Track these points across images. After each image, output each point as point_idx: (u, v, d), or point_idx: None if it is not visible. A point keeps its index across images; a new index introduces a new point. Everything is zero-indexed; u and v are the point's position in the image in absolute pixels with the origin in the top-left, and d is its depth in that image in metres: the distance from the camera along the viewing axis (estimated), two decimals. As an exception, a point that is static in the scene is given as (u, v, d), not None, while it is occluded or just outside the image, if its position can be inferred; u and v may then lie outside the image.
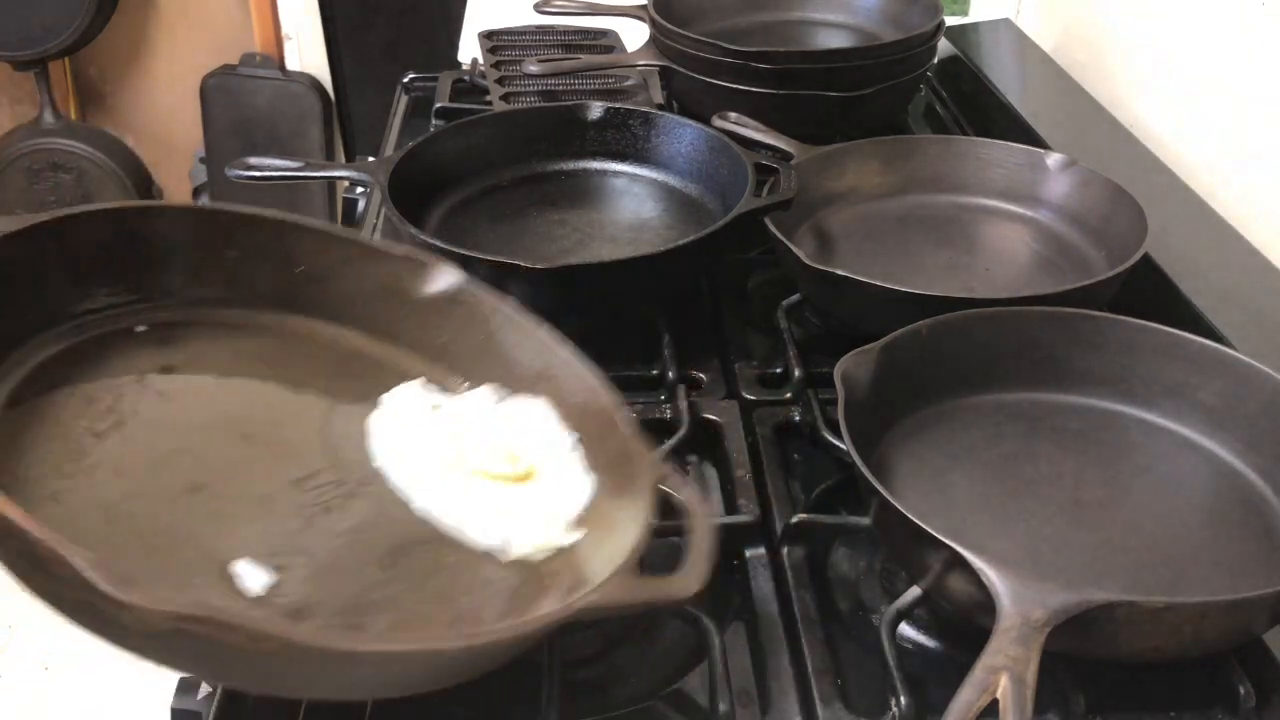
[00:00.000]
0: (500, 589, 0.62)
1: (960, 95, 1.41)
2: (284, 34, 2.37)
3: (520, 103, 1.25)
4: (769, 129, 1.07)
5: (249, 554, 0.57)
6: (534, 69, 1.24)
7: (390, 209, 0.93)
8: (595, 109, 1.11)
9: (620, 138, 1.11)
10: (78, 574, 0.44)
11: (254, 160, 0.98)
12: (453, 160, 1.05)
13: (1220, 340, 0.83)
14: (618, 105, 1.12)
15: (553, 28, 1.42)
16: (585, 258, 0.99)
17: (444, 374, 0.74)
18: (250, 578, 0.56)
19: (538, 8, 1.40)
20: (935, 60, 1.30)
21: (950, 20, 1.37)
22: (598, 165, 1.11)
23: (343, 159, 2.40)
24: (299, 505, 0.63)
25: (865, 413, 0.73)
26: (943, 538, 0.62)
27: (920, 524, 0.63)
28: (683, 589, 0.58)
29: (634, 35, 1.36)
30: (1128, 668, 0.67)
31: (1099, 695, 0.65)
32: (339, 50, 2.37)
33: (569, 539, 0.65)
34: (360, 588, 0.59)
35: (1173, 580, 0.69)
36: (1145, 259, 0.90)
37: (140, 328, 0.69)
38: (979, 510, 0.74)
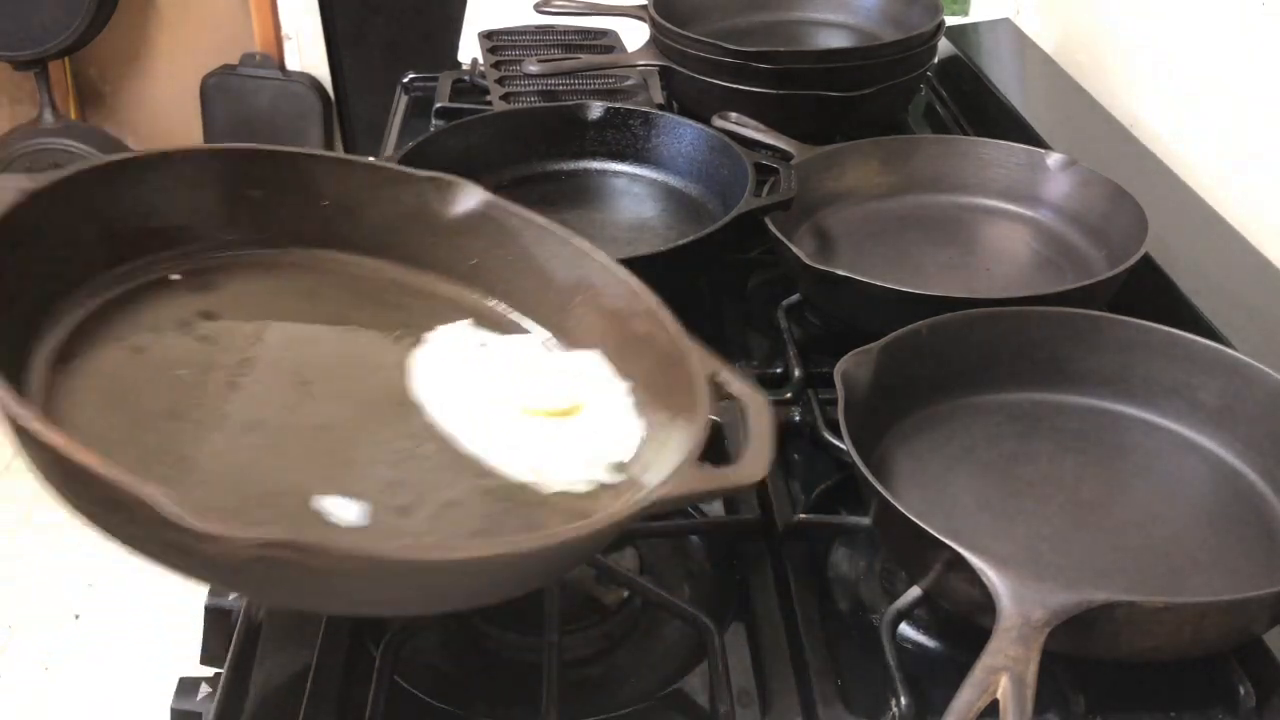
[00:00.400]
0: (560, 506, 0.62)
1: (960, 95, 1.41)
2: (284, 34, 2.37)
3: (520, 103, 1.25)
4: (769, 129, 1.07)
5: (317, 486, 0.58)
6: (534, 69, 1.24)
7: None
8: (595, 109, 1.11)
9: (620, 138, 1.11)
10: (160, 514, 0.45)
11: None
12: (453, 160, 1.05)
13: (1220, 340, 0.83)
14: (618, 105, 1.12)
15: (553, 28, 1.42)
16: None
17: (481, 296, 0.73)
18: (342, 510, 0.57)
19: (538, 8, 1.40)
20: (935, 60, 1.30)
21: (950, 20, 1.37)
22: (598, 165, 1.11)
23: (343, 159, 2.40)
24: (354, 439, 0.63)
25: (865, 413, 0.73)
26: (943, 538, 0.62)
27: (920, 524, 0.63)
28: (750, 474, 0.59)
29: (634, 35, 1.36)
30: (1128, 668, 0.67)
31: (1099, 695, 0.65)
32: (339, 50, 2.37)
33: (615, 478, 0.64)
34: (427, 514, 0.59)
35: (1173, 580, 0.69)
36: (1145, 259, 0.90)
37: (175, 276, 0.69)
38: (979, 510, 0.74)
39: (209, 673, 0.77)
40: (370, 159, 0.77)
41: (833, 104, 1.19)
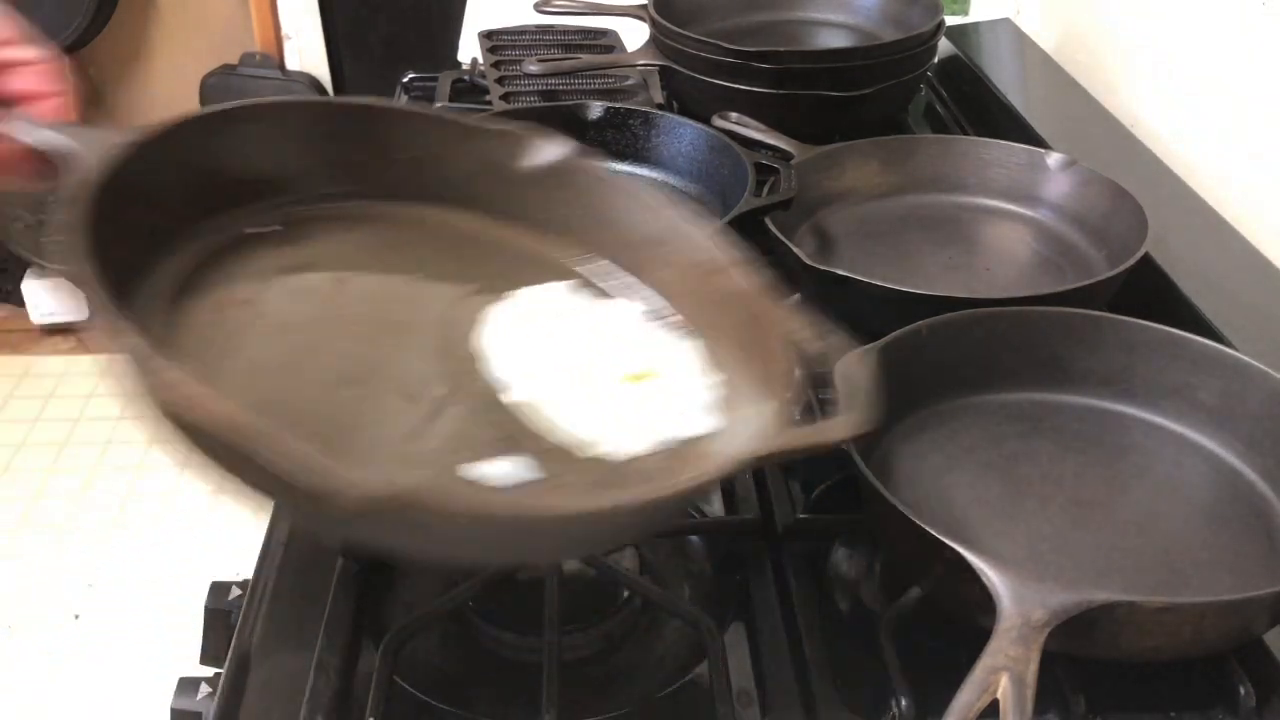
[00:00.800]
0: (647, 466, 0.61)
1: (960, 95, 1.41)
2: (284, 34, 2.37)
3: (520, 103, 1.25)
4: (769, 129, 1.07)
5: (405, 443, 0.58)
6: (534, 69, 1.24)
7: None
8: (595, 109, 1.11)
9: (620, 137, 1.11)
10: (291, 462, 0.45)
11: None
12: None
13: (1220, 340, 0.83)
14: (618, 105, 1.12)
15: (553, 27, 1.42)
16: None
17: (560, 247, 0.73)
18: (497, 470, 0.56)
19: (538, 8, 1.40)
20: (935, 60, 1.30)
21: (950, 20, 1.37)
22: (598, 165, 1.11)
23: (343, 159, 2.40)
24: (446, 397, 0.63)
25: (865, 413, 0.73)
26: (943, 538, 0.62)
27: (920, 524, 0.63)
28: (848, 428, 0.58)
29: (634, 35, 1.35)
30: (1128, 668, 0.67)
31: (1099, 695, 0.65)
32: (339, 50, 2.37)
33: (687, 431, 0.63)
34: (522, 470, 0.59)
35: (1173, 580, 0.69)
36: (1145, 259, 0.90)
37: (258, 230, 0.69)
38: (979, 510, 0.74)
39: (209, 673, 0.77)
40: (443, 112, 0.77)
41: (833, 104, 1.19)
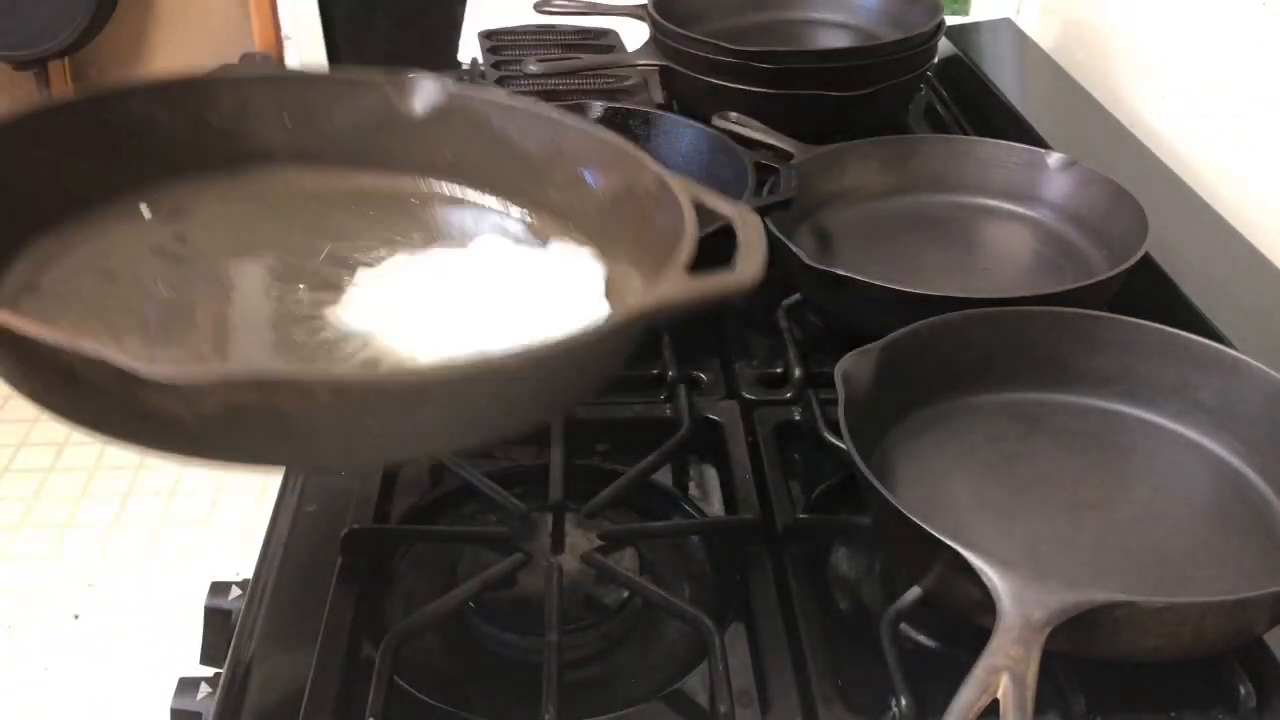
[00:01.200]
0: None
1: (960, 95, 1.41)
2: (284, 34, 2.37)
3: (520, 103, 1.25)
4: (769, 129, 1.07)
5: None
6: (534, 69, 1.24)
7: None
8: (595, 109, 1.11)
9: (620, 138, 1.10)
10: (117, 371, 0.43)
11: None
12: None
13: (1220, 340, 0.83)
14: (618, 105, 1.12)
15: (553, 28, 1.42)
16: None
17: (461, 187, 0.72)
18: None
19: (538, 8, 1.40)
20: (935, 60, 1.30)
21: (950, 20, 1.37)
22: (598, 165, 1.11)
23: (343, 159, 2.40)
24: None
25: (865, 413, 0.73)
26: (943, 538, 0.62)
27: (920, 524, 0.63)
28: (742, 279, 0.57)
29: (634, 35, 1.36)
30: (1128, 668, 0.67)
31: (1099, 695, 0.65)
32: (339, 50, 2.37)
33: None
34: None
35: (1173, 580, 0.69)
36: (1145, 259, 0.90)
37: (144, 206, 0.68)
38: (979, 510, 0.74)
39: (209, 673, 0.77)
40: (322, 69, 0.76)
41: (833, 104, 1.19)
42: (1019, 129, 1.23)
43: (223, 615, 0.81)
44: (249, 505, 2.10)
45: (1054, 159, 1.05)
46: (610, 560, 0.73)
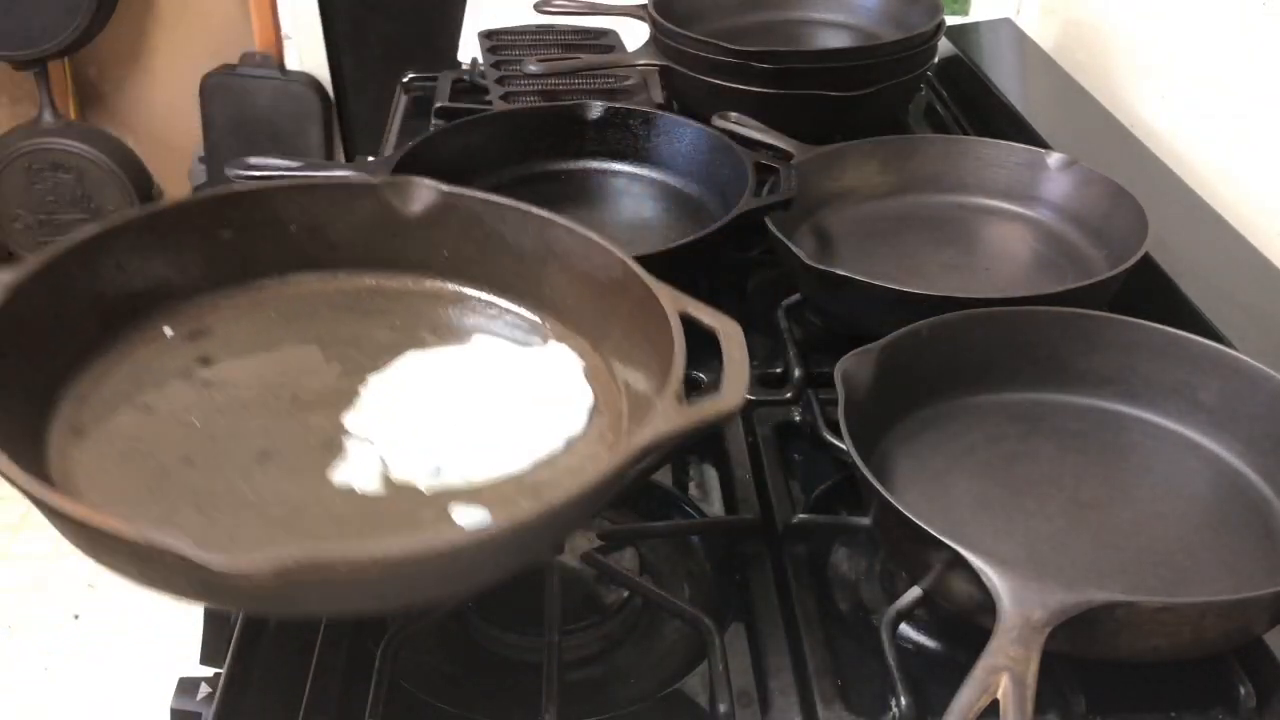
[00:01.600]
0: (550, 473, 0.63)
1: (960, 95, 1.41)
2: (284, 34, 2.37)
3: (520, 102, 1.25)
4: (769, 129, 1.07)
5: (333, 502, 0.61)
6: (534, 69, 1.24)
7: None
8: (595, 109, 1.11)
9: (620, 137, 1.11)
10: (185, 559, 0.47)
11: (254, 160, 0.98)
12: (452, 160, 1.05)
13: (1220, 340, 0.83)
14: (618, 105, 1.12)
15: (553, 27, 1.42)
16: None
17: (459, 286, 0.76)
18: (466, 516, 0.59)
19: (538, 7, 1.40)
20: (935, 60, 1.30)
21: (950, 20, 1.37)
22: (598, 165, 1.11)
23: (342, 159, 2.40)
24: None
25: (865, 413, 0.73)
26: (943, 538, 0.62)
27: (920, 524, 0.63)
28: (729, 403, 0.59)
29: (634, 35, 1.36)
30: (1128, 668, 0.67)
31: (1099, 695, 0.65)
32: (339, 50, 2.37)
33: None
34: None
35: (1173, 580, 0.69)
36: (1145, 259, 0.90)
37: (167, 330, 0.71)
38: (979, 510, 0.74)
39: (209, 673, 0.77)
40: (322, 175, 0.80)
41: (833, 104, 1.19)
42: (1019, 129, 1.23)
43: (223, 615, 0.81)
44: (249, 505, 2.10)
45: (1054, 159, 1.05)
46: (610, 560, 0.74)
